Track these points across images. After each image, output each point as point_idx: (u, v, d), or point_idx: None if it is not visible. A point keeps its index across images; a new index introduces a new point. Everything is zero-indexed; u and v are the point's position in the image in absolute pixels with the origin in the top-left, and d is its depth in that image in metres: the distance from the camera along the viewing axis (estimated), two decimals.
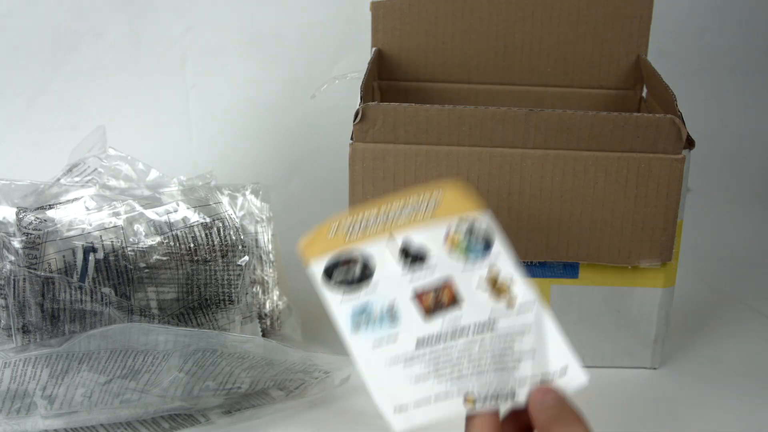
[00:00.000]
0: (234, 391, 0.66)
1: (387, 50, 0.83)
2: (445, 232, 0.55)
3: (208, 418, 0.65)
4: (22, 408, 0.60)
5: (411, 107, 0.66)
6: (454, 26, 0.83)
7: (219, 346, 0.62)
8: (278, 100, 1.07)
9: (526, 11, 0.82)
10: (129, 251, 0.64)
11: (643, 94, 0.84)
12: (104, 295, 0.63)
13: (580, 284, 0.71)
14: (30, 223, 0.63)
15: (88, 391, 0.60)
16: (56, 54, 1.04)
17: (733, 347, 0.79)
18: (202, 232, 0.67)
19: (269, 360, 0.64)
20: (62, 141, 0.83)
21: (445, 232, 0.55)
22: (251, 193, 0.73)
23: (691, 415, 0.69)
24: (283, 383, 0.68)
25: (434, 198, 0.56)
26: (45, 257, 0.62)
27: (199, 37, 1.06)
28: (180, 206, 0.68)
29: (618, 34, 0.82)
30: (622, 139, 0.67)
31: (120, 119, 1.04)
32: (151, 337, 0.59)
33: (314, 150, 1.07)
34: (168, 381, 0.62)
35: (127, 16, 1.04)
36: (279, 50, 1.07)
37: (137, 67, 1.06)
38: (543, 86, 0.85)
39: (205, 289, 0.67)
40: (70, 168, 0.70)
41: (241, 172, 1.03)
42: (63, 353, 0.58)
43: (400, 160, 0.68)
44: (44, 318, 0.62)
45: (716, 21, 1.13)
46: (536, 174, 0.68)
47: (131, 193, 0.68)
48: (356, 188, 0.69)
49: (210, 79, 1.07)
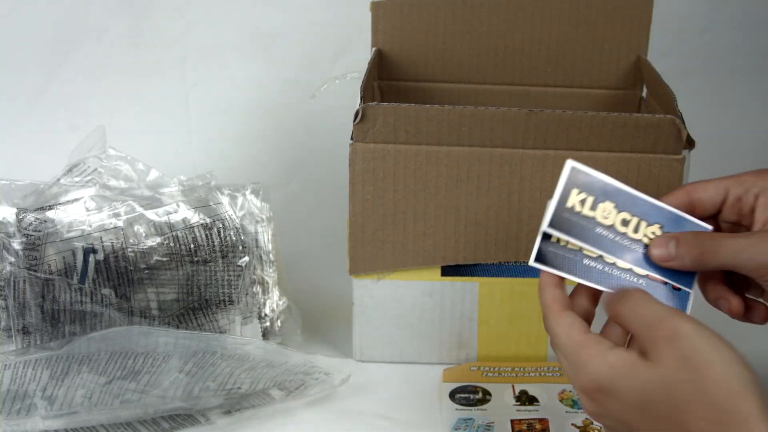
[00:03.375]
0: (234, 392, 0.66)
1: (387, 50, 0.83)
2: (562, 389, 0.71)
3: (208, 418, 0.65)
4: (23, 409, 0.60)
5: (411, 107, 0.66)
6: (454, 26, 0.83)
7: (219, 348, 0.62)
8: (278, 100, 1.07)
9: (526, 11, 0.82)
10: (129, 252, 0.64)
11: (643, 94, 0.84)
12: (104, 296, 0.63)
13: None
14: (30, 224, 0.63)
15: (88, 392, 0.60)
16: (56, 54, 1.04)
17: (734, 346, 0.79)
18: (202, 233, 0.67)
19: (269, 362, 0.64)
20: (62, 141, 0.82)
21: (561, 389, 0.71)
22: (251, 193, 0.73)
23: None
24: (283, 383, 0.68)
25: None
26: (45, 258, 0.62)
27: (199, 37, 1.06)
28: (180, 207, 0.68)
29: (618, 34, 0.82)
30: (622, 139, 0.67)
31: (120, 119, 1.04)
32: (151, 339, 0.59)
33: (314, 150, 1.07)
34: (168, 382, 0.62)
35: (127, 16, 1.04)
36: (279, 50, 1.07)
37: (137, 67, 1.06)
38: (543, 86, 0.85)
39: (205, 289, 0.67)
40: (70, 168, 0.70)
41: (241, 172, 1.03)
42: (63, 355, 0.58)
43: (400, 160, 0.68)
44: (44, 319, 0.62)
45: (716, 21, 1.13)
46: (536, 174, 0.68)
47: (131, 194, 0.68)
48: (356, 188, 0.69)
49: (210, 79, 1.07)
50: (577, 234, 0.57)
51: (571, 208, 0.57)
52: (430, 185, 0.69)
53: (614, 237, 0.57)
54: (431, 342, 0.75)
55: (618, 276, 0.57)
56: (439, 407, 0.69)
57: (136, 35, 1.05)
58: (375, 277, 0.72)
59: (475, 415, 0.68)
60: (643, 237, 0.58)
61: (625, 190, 0.58)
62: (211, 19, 1.06)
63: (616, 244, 0.57)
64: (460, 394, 0.70)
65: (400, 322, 0.74)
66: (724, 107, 1.15)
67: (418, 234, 0.70)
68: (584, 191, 0.57)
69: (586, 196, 0.57)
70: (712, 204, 0.60)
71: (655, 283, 0.58)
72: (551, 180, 0.68)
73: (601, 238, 0.57)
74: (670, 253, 0.57)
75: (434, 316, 0.74)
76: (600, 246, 0.57)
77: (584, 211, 0.57)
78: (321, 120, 1.05)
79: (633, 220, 0.58)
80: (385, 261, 0.71)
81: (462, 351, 0.75)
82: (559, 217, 0.56)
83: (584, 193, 0.57)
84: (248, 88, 1.07)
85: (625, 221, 0.58)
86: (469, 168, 0.68)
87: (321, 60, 1.07)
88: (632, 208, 0.58)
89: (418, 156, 0.68)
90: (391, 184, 0.69)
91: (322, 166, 1.05)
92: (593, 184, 0.57)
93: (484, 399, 0.70)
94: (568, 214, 0.56)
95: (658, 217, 0.58)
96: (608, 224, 0.57)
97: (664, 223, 0.58)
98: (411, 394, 0.71)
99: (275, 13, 1.07)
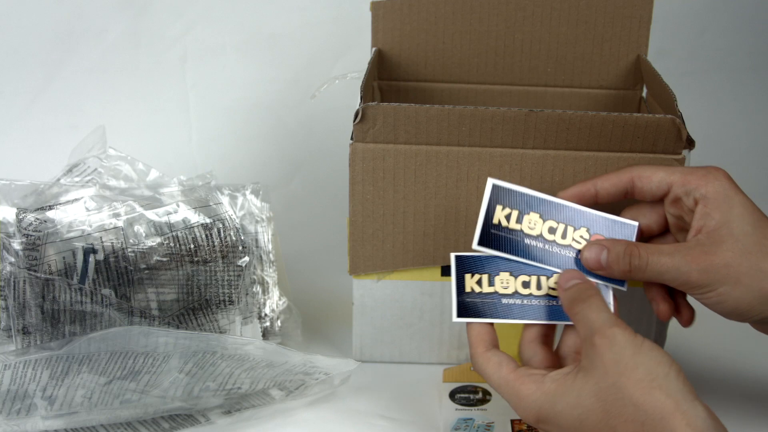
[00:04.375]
0: (234, 392, 0.66)
1: (387, 50, 0.83)
2: None
3: (208, 418, 0.66)
4: (23, 409, 0.60)
5: (411, 107, 0.66)
6: (454, 26, 0.83)
7: (219, 348, 0.62)
8: (278, 100, 1.07)
9: (526, 11, 0.82)
10: (129, 252, 0.64)
11: (643, 94, 0.84)
12: (104, 296, 0.63)
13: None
14: (30, 224, 0.63)
15: (88, 392, 0.60)
16: (56, 54, 1.04)
17: (733, 347, 0.79)
18: (202, 233, 0.68)
19: (269, 362, 0.64)
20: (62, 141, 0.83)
21: None
22: (251, 193, 0.73)
23: None
24: (283, 383, 0.68)
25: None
26: (45, 258, 0.62)
27: (199, 37, 1.06)
28: (180, 207, 0.68)
29: (618, 34, 0.82)
30: (622, 139, 0.67)
31: (120, 119, 1.04)
32: (151, 339, 0.59)
33: (314, 150, 1.07)
34: (168, 382, 0.62)
35: (127, 16, 1.04)
36: (279, 50, 1.07)
37: (137, 67, 1.06)
38: (543, 86, 0.85)
39: (205, 289, 0.67)
40: (70, 168, 0.70)
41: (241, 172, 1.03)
42: (63, 355, 0.58)
43: (400, 160, 0.68)
44: (44, 319, 0.62)
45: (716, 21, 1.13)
46: (536, 174, 0.68)
47: (131, 194, 0.68)
48: (356, 188, 0.69)
49: (210, 79, 1.07)
50: (506, 248, 0.60)
51: (498, 224, 0.60)
52: (430, 185, 0.69)
53: (543, 245, 0.60)
54: (431, 342, 0.75)
55: (537, 305, 0.60)
56: (439, 407, 0.69)
57: (136, 35, 1.05)
58: (375, 277, 0.72)
59: (475, 415, 0.68)
60: (572, 242, 0.60)
61: (548, 200, 0.60)
62: (211, 19, 1.06)
63: (546, 252, 0.60)
64: (460, 394, 0.70)
65: (400, 322, 0.74)
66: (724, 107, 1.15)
67: (418, 234, 0.70)
68: (508, 206, 0.60)
69: (510, 210, 0.60)
70: (652, 196, 0.62)
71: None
72: (551, 180, 0.68)
73: (531, 249, 0.60)
74: (601, 264, 0.60)
75: (434, 316, 0.74)
76: (530, 256, 0.60)
77: (510, 224, 0.60)
78: (321, 120, 1.06)
79: (559, 226, 0.60)
80: (385, 261, 0.71)
81: (462, 351, 0.75)
82: (487, 234, 0.60)
83: (508, 208, 0.60)
84: (248, 88, 1.07)
85: (552, 229, 0.60)
86: (469, 168, 0.68)
87: (321, 60, 1.07)
88: (557, 215, 0.60)
89: (418, 156, 0.68)
90: (391, 184, 0.69)
91: (322, 166, 1.05)
92: (516, 198, 0.60)
93: (484, 399, 0.70)
94: (495, 230, 0.60)
95: (584, 220, 0.61)
96: (536, 234, 0.60)
97: (589, 226, 0.60)
98: (411, 394, 0.71)
99: (275, 13, 1.07)
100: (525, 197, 0.60)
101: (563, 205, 0.61)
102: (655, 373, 0.50)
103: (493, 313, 0.60)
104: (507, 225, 0.60)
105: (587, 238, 0.60)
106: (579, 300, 0.56)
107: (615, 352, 0.51)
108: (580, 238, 0.60)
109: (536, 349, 0.59)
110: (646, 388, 0.50)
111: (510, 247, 0.60)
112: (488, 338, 0.59)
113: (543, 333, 0.60)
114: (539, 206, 0.60)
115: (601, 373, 0.51)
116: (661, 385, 0.50)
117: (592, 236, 0.60)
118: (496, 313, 0.60)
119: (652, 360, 0.51)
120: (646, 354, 0.51)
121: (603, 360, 0.52)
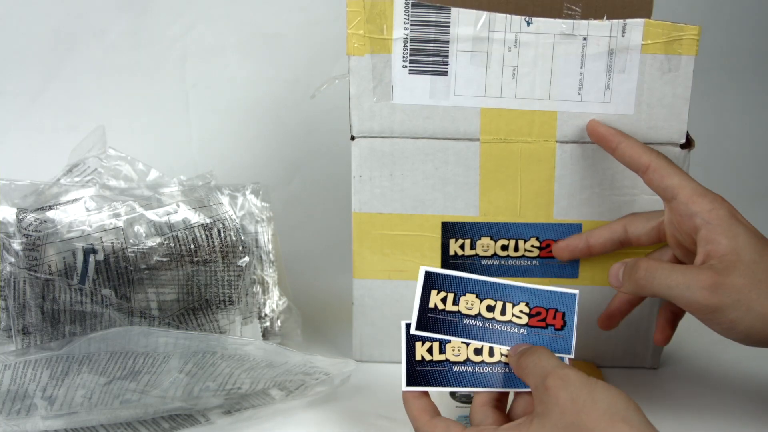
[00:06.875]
0: (234, 392, 0.66)
1: None
2: None
3: (208, 419, 0.66)
4: (23, 409, 0.60)
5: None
6: None
7: (219, 348, 0.62)
8: (278, 100, 1.07)
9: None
10: (129, 252, 0.64)
11: None
12: (104, 296, 0.63)
13: (580, 283, 0.71)
14: (30, 224, 0.63)
15: (88, 392, 0.60)
16: (56, 54, 1.04)
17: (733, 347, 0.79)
18: (202, 233, 0.68)
19: (269, 362, 0.65)
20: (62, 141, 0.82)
21: None
22: (251, 193, 0.73)
23: (691, 415, 0.69)
24: (283, 383, 0.68)
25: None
26: (45, 259, 0.62)
27: (199, 37, 1.06)
28: (180, 207, 0.68)
29: None
30: None
31: (120, 119, 1.04)
32: (151, 339, 0.59)
33: (314, 150, 1.07)
34: (168, 382, 0.62)
35: (127, 16, 1.04)
36: (279, 50, 1.07)
37: (137, 67, 1.06)
38: None
39: (205, 289, 0.67)
40: (70, 168, 0.70)
41: (241, 172, 1.03)
42: (63, 356, 0.58)
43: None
44: (44, 319, 0.62)
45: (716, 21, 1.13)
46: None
47: (131, 194, 0.68)
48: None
49: (210, 79, 1.07)
50: (444, 330, 0.60)
51: (434, 308, 0.60)
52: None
53: (483, 324, 0.61)
54: None
55: (490, 372, 0.60)
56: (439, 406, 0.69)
57: (136, 35, 1.05)
58: (375, 277, 0.72)
59: None
60: (512, 317, 0.61)
61: (482, 280, 0.61)
62: (211, 19, 1.06)
63: (487, 330, 0.60)
64: (460, 393, 0.70)
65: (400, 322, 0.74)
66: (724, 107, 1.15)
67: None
68: (443, 290, 0.61)
69: (446, 294, 0.61)
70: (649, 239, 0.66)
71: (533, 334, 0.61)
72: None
73: (470, 328, 0.60)
74: (619, 279, 0.62)
75: None
76: (470, 335, 0.60)
77: (447, 307, 0.61)
78: (321, 120, 1.06)
79: (497, 304, 0.61)
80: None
81: None
82: (424, 319, 0.60)
83: (444, 292, 0.61)
84: (248, 88, 1.07)
85: (489, 307, 0.61)
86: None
87: (321, 60, 1.07)
88: (493, 294, 0.61)
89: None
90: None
91: (322, 166, 1.05)
92: (450, 281, 0.61)
93: None
94: (432, 313, 0.60)
95: (522, 295, 0.61)
96: (473, 314, 0.61)
97: (528, 300, 0.61)
98: None
99: (275, 13, 1.07)
100: (459, 280, 0.61)
101: (498, 284, 0.61)
102: (617, 408, 0.50)
103: (443, 381, 0.60)
104: (444, 307, 0.61)
105: (527, 312, 0.61)
106: (528, 354, 0.56)
107: (570, 391, 0.51)
108: (519, 312, 0.61)
109: (488, 412, 0.58)
110: (608, 421, 0.49)
111: (449, 328, 0.60)
112: (430, 408, 0.59)
113: (495, 398, 0.59)
114: (474, 287, 0.61)
115: (557, 414, 0.51)
116: (624, 417, 0.49)
117: (533, 309, 0.61)
118: (447, 381, 0.60)
119: (610, 396, 0.51)
120: (603, 391, 0.51)
121: (558, 400, 0.51)
